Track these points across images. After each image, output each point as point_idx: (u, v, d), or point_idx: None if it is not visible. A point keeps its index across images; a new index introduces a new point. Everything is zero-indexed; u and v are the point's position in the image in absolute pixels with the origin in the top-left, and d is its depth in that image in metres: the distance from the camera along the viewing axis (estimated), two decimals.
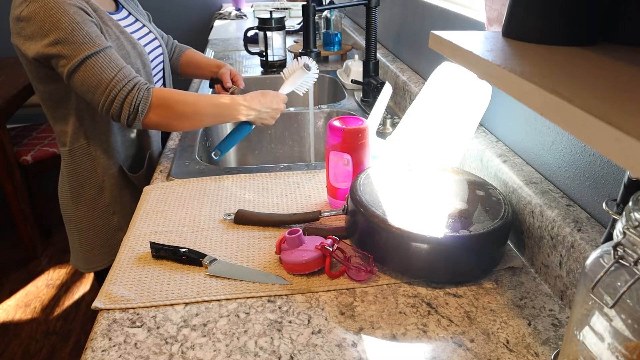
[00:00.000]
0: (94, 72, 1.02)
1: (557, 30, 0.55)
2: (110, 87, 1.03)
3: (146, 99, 1.05)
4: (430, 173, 0.92)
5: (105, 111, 1.05)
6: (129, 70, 1.06)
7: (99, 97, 1.04)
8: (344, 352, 0.66)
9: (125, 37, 1.16)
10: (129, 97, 1.04)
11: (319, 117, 1.56)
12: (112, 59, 1.04)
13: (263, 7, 3.24)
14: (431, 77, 1.13)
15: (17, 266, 2.46)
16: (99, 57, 1.02)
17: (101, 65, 1.02)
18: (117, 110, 1.04)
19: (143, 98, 1.05)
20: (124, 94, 1.03)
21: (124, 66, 1.05)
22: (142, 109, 1.05)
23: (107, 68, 1.03)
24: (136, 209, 1.01)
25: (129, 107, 1.04)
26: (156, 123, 1.09)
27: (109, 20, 1.13)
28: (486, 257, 0.80)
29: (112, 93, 1.03)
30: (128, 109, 1.04)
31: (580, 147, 0.76)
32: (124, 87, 1.03)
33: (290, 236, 0.82)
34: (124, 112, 1.04)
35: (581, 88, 0.41)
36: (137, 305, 0.74)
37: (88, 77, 1.02)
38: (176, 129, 1.14)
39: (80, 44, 1.01)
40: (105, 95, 1.03)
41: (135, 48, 1.17)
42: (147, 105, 1.05)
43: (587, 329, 0.47)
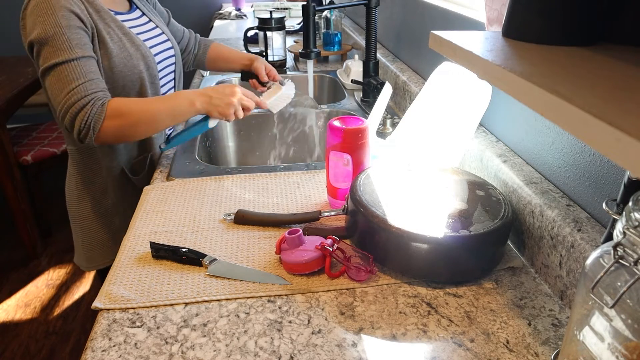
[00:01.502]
0: (60, 78, 1.01)
1: (557, 30, 0.55)
2: (66, 99, 1.01)
3: (99, 115, 1.01)
4: (430, 173, 0.92)
5: (60, 122, 1.04)
6: (95, 84, 1.03)
7: (56, 106, 1.02)
8: (344, 352, 0.66)
9: (129, 38, 1.15)
10: (82, 113, 1.00)
11: (319, 117, 1.56)
12: (83, 70, 1.02)
13: (263, 7, 3.24)
14: (431, 77, 1.13)
15: (17, 266, 2.46)
16: (70, 65, 1.01)
17: (68, 74, 1.01)
18: (70, 124, 1.02)
19: (96, 114, 1.01)
20: (77, 109, 1.00)
21: (92, 79, 1.03)
22: (94, 125, 1.01)
23: (72, 78, 1.01)
24: (136, 209, 1.01)
25: (81, 122, 1.01)
26: (113, 135, 1.05)
27: (112, 21, 1.12)
28: (486, 257, 0.80)
29: (67, 105, 1.01)
30: (80, 124, 1.01)
31: (580, 147, 0.76)
32: (79, 100, 1.00)
33: (290, 236, 0.82)
34: (76, 127, 1.01)
35: (581, 88, 0.41)
36: (137, 305, 0.74)
37: (53, 83, 1.02)
38: (133, 139, 1.11)
39: (57, 49, 1.00)
40: (60, 105, 1.01)
41: (138, 50, 1.16)
42: (99, 121, 1.01)
43: (587, 329, 0.47)
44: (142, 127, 1.06)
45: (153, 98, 1.10)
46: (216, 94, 1.09)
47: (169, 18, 1.42)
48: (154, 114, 1.05)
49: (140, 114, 1.05)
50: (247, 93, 1.12)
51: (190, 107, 1.07)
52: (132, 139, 1.11)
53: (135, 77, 1.15)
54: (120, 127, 1.04)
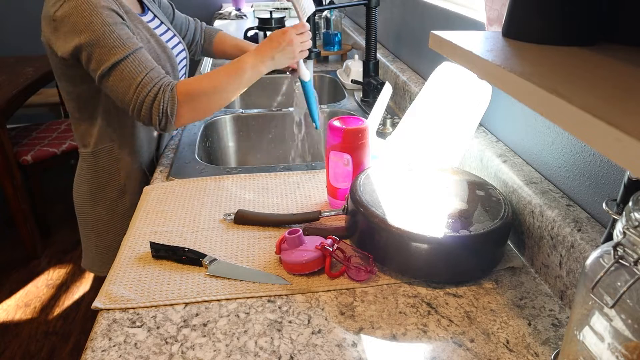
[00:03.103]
0: (122, 77, 1.01)
1: (557, 30, 0.55)
2: (137, 93, 1.01)
3: (172, 100, 1.02)
4: (430, 173, 0.92)
5: (137, 118, 1.04)
6: (157, 71, 1.04)
7: (127, 104, 1.02)
8: (344, 352, 0.66)
9: (155, 39, 1.15)
10: (156, 103, 1.01)
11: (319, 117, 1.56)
12: (142, 61, 1.02)
13: (263, 7, 3.24)
14: (431, 77, 1.13)
15: (17, 266, 2.46)
16: (129, 60, 1.01)
17: (130, 70, 1.01)
18: (147, 116, 1.03)
19: (169, 100, 1.02)
20: (150, 100, 1.01)
21: (153, 68, 1.03)
22: (171, 112, 1.02)
23: (135, 72, 1.01)
24: (136, 209, 1.01)
25: (158, 112, 1.02)
26: (190, 118, 1.06)
27: (139, 22, 1.12)
28: (486, 257, 0.80)
29: (139, 99, 1.01)
30: (157, 114, 1.02)
31: (580, 147, 0.76)
32: (149, 92, 1.01)
33: (290, 236, 0.82)
34: (154, 118, 1.02)
35: (581, 88, 0.41)
36: (137, 305, 0.74)
37: (118, 83, 1.01)
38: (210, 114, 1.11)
39: (111, 48, 1.00)
40: (133, 102, 1.02)
41: (165, 51, 1.16)
42: (175, 106, 1.02)
43: (587, 329, 0.47)
44: (214, 103, 1.06)
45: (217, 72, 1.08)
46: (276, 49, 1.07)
47: (173, 11, 1.41)
48: (224, 88, 1.06)
49: (210, 92, 1.05)
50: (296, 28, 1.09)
51: (258, 74, 1.08)
52: (208, 114, 1.11)
53: None
54: (195, 109, 1.05)
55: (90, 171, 1.21)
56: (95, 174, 1.21)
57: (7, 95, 2.34)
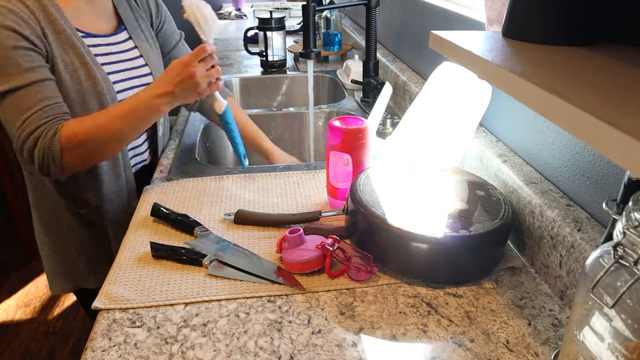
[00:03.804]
0: (12, 109, 0.91)
1: (557, 30, 0.55)
2: (20, 130, 0.92)
3: (53, 146, 0.92)
4: (430, 173, 0.92)
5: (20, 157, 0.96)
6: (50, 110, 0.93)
7: (13, 140, 0.94)
8: (344, 352, 0.66)
9: (86, 69, 1.00)
10: (38, 146, 0.92)
11: (319, 117, 1.56)
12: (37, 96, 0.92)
13: (263, 7, 3.24)
14: (431, 77, 1.13)
15: (17, 266, 2.46)
16: (23, 91, 0.91)
17: (20, 102, 0.91)
18: (29, 159, 0.94)
19: (49, 146, 0.92)
20: (32, 142, 0.92)
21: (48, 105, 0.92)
22: (52, 158, 0.93)
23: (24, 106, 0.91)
24: (136, 209, 1.01)
25: (39, 156, 0.93)
26: (77, 165, 0.97)
27: (71, 47, 0.99)
28: (486, 257, 0.80)
29: (21, 138, 0.92)
30: (38, 159, 0.93)
31: (580, 147, 0.76)
32: (33, 132, 0.91)
33: (291, 235, 0.82)
34: (36, 162, 0.93)
35: (581, 88, 0.41)
36: (137, 305, 0.74)
37: (6, 114, 0.93)
38: (104, 159, 1.03)
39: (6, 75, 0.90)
40: (16, 139, 0.93)
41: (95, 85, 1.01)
42: (56, 153, 0.92)
43: (587, 329, 0.47)
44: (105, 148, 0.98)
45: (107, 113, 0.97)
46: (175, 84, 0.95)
47: (179, 40, 1.28)
48: (114, 133, 0.96)
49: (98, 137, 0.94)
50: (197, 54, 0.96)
51: (158, 114, 0.98)
52: (102, 160, 1.03)
53: (85, 109, 1.01)
54: (81, 156, 0.96)
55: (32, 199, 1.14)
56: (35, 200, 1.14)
57: None
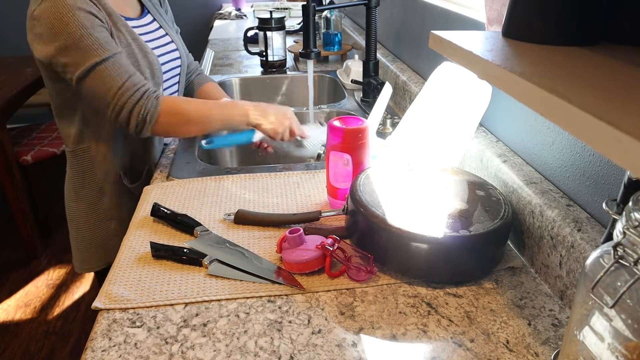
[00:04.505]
0: (102, 80, 1.01)
1: (557, 30, 0.55)
2: (118, 96, 1.02)
3: (154, 108, 1.04)
4: (430, 173, 0.92)
5: (114, 119, 1.05)
6: (138, 77, 1.05)
7: (107, 105, 1.03)
8: (344, 352, 0.66)
9: (138, 44, 1.14)
10: (137, 106, 1.03)
11: (319, 117, 1.56)
12: (122, 66, 1.03)
13: (263, 7, 3.24)
14: (431, 77, 1.13)
15: (17, 266, 2.46)
16: (108, 64, 1.01)
17: (110, 73, 1.01)
18: (126, 119, 1.04)
19: (152, 107, 1.04)
20: (132, 103, 1.03)
21: (133, 73, 1.04)
22: (150, 118, 1.04)
23: (116, 76, 1.02)
24: (136, 209, 1.01)
25: (137, 116, 1.03)
26: (165, 130, 1.09)
27: (122, 26, 1.12)
28: (486, 257, 0.80)
29: (120, 102, 1.02)
30: (136, 118, 1.03)
31: (580, 147, 0.76)
32: (132, 95, 1.02)
33: (291, 235, 0.82)
34: (132, 121, 1.04)
35: (581, 88, 0.41)
36: (137, 305, 0.74)
37: (96, 85, 1.02)
38: (184, 135, 1.13)
39: (90, 50, 1.00)
40: (113, 104, 1.02)
41: (146, 57, 1.15)
42: (155, 114, 1.04)
43: (587, 329, 0.47)
44: (193, 127, 1.09)
45: (207, 101, 1.13)
46: (273, 110, 1.13)
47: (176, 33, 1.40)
48: (208, 117, 1.09)
49: (195, 115, 1.08)
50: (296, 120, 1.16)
51: (244, 118, 1.11)
52: (180, 135, 1.14)
53: None
54: (173, 124, 1.08)
55: (72, 170, 1.23)
56: (75, 173, 1.22)
57: (7, 95, 2.34)
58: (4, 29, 3.50)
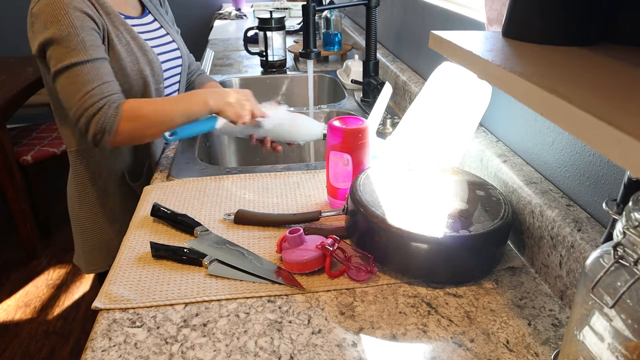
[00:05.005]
0: (74, 80, 1.01)
1: (557, 30, 0.55)
2: (82, 100, 1.00)
3: (115, 117, 1.01)
4: (430, 173, 0.92)
5: (75, 124, 1.04)
6: (111, 86, 1.03)
7: (70, 107, 1.02)
8: (344, 352, 0.66)
9: (137, 42, 1.14)
10: (97, 116, 1.01)
11: (319, 117, 1.56)
12: (98, 72, 1.02)
13: (263, 7, 3.24)
14: (431, 77, 1.13)
15: (17, 266, 2.46)
16: (85, 67, 1.01)
17: (83, 76, 1.00)
18: (85, 125, 1.02)
19: (112, 116, 1.01)
20: (93, 111, 1.00)
21: (107, 81, 1.03)
22: (109, 127, 1.01)
23: (88, 80, 1.00)
24: (136, 209, 1.01)
25: (97, 124, 1.01)
26: (128, 138, 1.06)
27: (121, 24, 1.12)
28: (486, 257, 0.80)
29: (83, 107, 1.01)
30: (95, 126, 1.01)
31: (580, 147, 0.76)
32: (95, 102, 1.00)
33: (291, 235, 0.82)
34: (91, 129, 1.02)
35: (581, 88, 0.41)
36: (137, 305, 0.74)
37: (67, 84, 1.01)
38: (148, 139, 1.12)
39: (71, 50, 1.00)
40: (76, 107, 1.01)
41: (145, 55, 1.15)
42: (115, 123, 1.01)
43: (587, 329, 0.47)
44: (156, 127, 1.06)
45: (166, 98, 1.10)
46: (232, 93, 1.09)
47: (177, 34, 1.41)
48: (169, 114, 1.06)
49: (155, 115, 1.05)
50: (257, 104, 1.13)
51: (204, 106, 1.07)
52: (146, 139, 1.11)
53: (140, 81, 1.15)
54: (135, 129, 1.05)
55: (76, 171, 1.23)
56: (80, 174, 1.22)
57: (7, 95, 2.34)
58: (4, 29, 3.50)
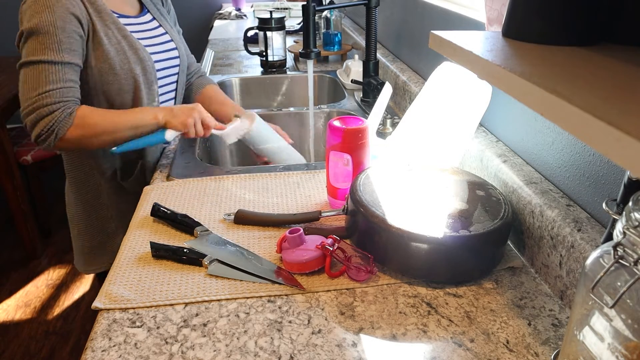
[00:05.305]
0: (36, 76, 1.00)
1: (557, 30, 0.55)
2: (37, 98, 1.00)
3: (66, 122, 1.01)
4: (430, 173, 0.92)
5: (23, 119, 1.03)
6: (70, 91, 1.03)
7: (24, 102, 1.01)
8: (344, 352, 0.66)
9: (128, 41, 1.14)
10: (49, 117, 1.00)
11: (319, 117, 1.56)
12: (64, 76, 1.01)
13: (263, 7, 3.24)
14: (431, 77, 1.13)
15: (17, 266, 2.46)
16: (52, 66, 1.00)
17: (46, 75, 1.00)
18: (32, 124, 1.01)
19: (63, 121, 1.01)
20: (46, 112, 1.00)
21: (69, 87, 1.03)
22: (57, 132, 1.01)
23: (50, 80, 1.00)
24: (136, 209, 1.01)
25: (44, 126, 1.00)
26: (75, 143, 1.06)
27: (112, 23, 1.12)
28: (486, 257, 0.80)
29: (36, 104, 1.00)
30: (42, 127, 1.00)
31: (580, 147, 0.76)
32: (50, 104, 1.00)
33: (291, 235, 0.82)
34: (36, 129, 1.01)
35: (581, 88, 0.41)
36: (137, 305, 0.74)
37: (30, 78, 1.01)
38: (92, 148, 1.12)
39: (45, 47, 1.00)
40: (30, 103, 1.00)
41: (136, 53, 1.15)
42: (64, 128, 1.01)
43: (587, 329, 0.47)
44: (103, 137, 1.07)
45: (119, 110, 1.11)
46: (178, 107, 1.13)
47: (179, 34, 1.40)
48: (117, 125, 1.06)
49: (104, 125, 1.05)
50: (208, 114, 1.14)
51: (153, 120, 1.09)
52: (90, 147, 1.11)
53: (130, 80, 1.15)
54: (82, 137, 1.05)
55: (69, 172, 1.23)
56: (73, 175, 1.23)
57: (7, 95, 2.34)
58: (4, 29, 3.49)
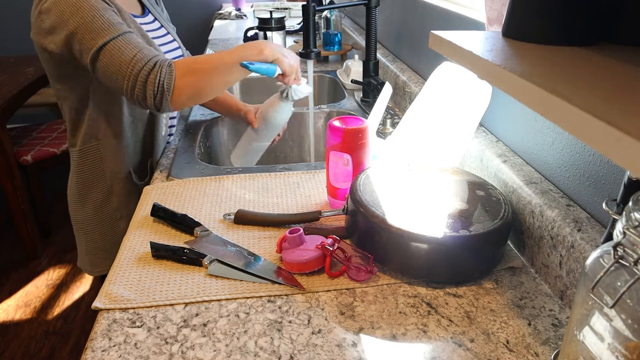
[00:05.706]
0: (113, 56, 0.98)
1: (557, 30, 0.55)
2: (130, 68, 0.98)
3: (170, 75, 0.98)
4: (430, 173, 0.92)
5: (130, 96, 1.01)
6: (149, 50, 1.01)
7: (121, 82, 0.99)
8: (344, 352, 0.66)
9: (146, 40, 1.13)
10: (152, 75, 0.98)
11: (319, 117, 1.56)
12: (132, 42, 1.00)
13: (263, 7, 3.24)
14: (431, 77, 1.13)
15: (17, 266, 2.46)
16: (118, 41, 0.98)
17: (120, 49, 0.98)
18: (141, 91, 0.98)
19: (167, 74, 0.98)
20: (146, 73, 0.98)
21: (144, 47, 1.00)
22: (167, 85, 0.98)
23: (126, 50, 0.98)
24: (136, 209, 1.01)
25: (154, 85, 0.98)
26: (188, 93, 1.01)
27: (131, 22, 1.11)
28: (486, 257, 0.80)
29: (134, 73, 0.98)
30: (153, 87, 0.98)
31: (580, 147, 0.76)
32: (144, 65, 0.98)
33: (291, 235, 0.82)
34: (149, 91, 0.98)
35: (581, 88, 0.41)
36: (137, 305, 0.74)
37: (108, 63, 0.99)
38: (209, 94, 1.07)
39: (100, 30, 0.98)
40: (127, 77, 0.98)
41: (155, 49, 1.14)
42: (172, 81, 0.98)
43: (587, 329, 0.47)
44: (215, 78, 1.03)
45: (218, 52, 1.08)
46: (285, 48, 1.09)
47: None
48: (224, 63, 1.03)
49: (211, 66, 1.03)
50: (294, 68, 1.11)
51: (259, 55, 1.04)
52: (207, 94, 1.06)
53: None
54: (194, 83, 1.01)
55: (78, 171, 1.21)
56: (82, 174, 1.21)
57: (7, 95, 2.34)
58: (5, 29, 3.50)
